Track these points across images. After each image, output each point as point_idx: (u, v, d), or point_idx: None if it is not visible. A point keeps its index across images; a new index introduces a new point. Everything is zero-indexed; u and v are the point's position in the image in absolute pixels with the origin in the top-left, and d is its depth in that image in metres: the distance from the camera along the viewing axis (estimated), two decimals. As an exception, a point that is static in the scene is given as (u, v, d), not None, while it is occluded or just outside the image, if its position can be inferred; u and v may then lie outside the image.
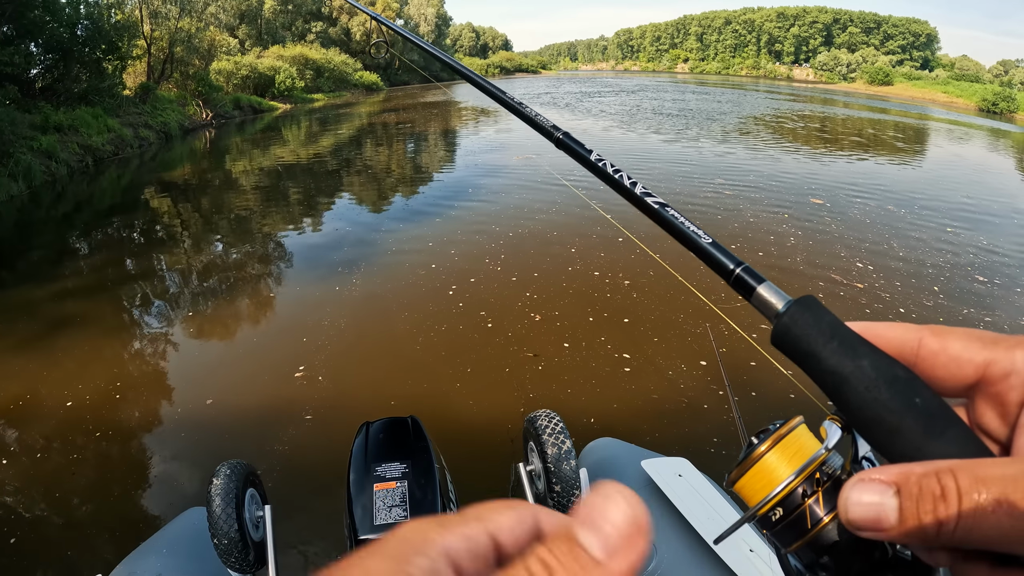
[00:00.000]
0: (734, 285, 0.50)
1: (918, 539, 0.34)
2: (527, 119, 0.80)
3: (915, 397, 0.39)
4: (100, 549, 3.52)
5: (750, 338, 1.21)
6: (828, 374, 0.42)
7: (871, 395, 0.40)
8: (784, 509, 0.46)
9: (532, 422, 2.33)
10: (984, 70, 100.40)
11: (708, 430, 4.52)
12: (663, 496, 2.19)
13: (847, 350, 0.42)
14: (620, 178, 0.59)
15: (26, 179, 12.95)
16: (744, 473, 0.49)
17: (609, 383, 5.25)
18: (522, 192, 12.15)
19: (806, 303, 0.45)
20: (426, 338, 5.93)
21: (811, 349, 0.43)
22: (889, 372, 0.40)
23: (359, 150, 19.60)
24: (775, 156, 17.76)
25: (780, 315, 0.46)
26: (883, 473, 0.35)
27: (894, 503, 0.34)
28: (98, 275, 8.14)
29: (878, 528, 0.35)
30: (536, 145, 18.25)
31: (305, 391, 5.02)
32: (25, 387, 5.18)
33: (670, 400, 4.92)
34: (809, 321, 0.44)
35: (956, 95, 67.00)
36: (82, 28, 18.62)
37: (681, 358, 5.59)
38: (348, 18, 58.60)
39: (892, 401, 0.39)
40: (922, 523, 0.33)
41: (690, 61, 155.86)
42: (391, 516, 1.84)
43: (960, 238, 9.94)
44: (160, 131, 21.03)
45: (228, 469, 2.10)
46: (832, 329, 0.43)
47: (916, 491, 0.34)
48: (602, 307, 6.66)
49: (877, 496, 0.35)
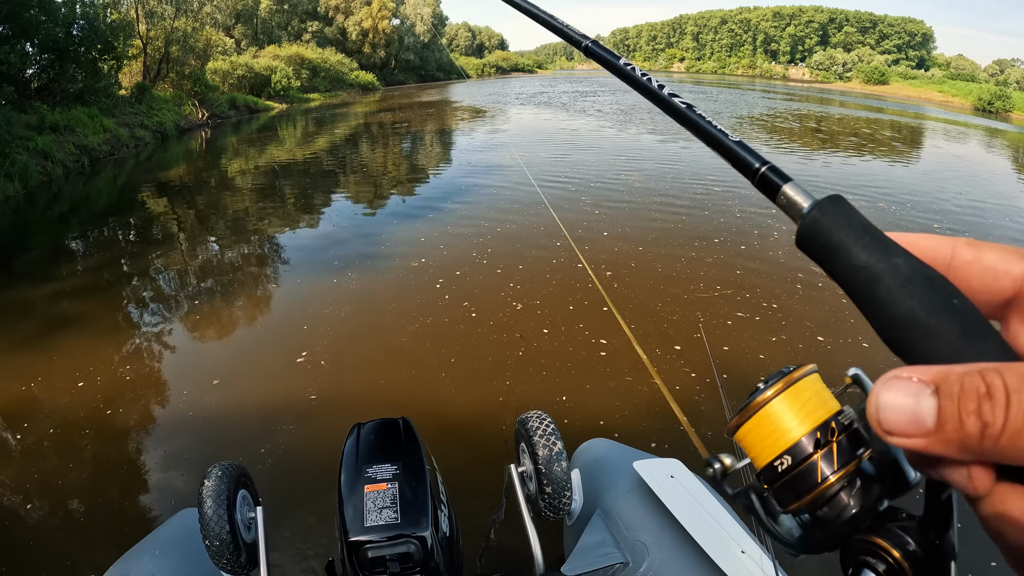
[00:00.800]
0: (759, 185, 0.47)
1: (957, 448, 0.30)
2: (554, 28, 0.80)
3: (952, 298, 0.36)
4: (92, 550, 3.52)
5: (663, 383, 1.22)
6: (859, 269, 0.39)
7: (906, 290, 0.37)
8: (792, 459, 0.45)
9: (523, 423, 2.33)
10: (980, 69, 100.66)
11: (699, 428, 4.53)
12: (655, 497, 2.19)
13: (879, 247, 0.39)
14: (648, 82, 0.57)
15: (22, 179, 12.93)
16: (747, 420, 0.47)
17: (585, 366, 5.49)
18: (508, 191, 12.17)
19: (836, 200, 0.42)
20: (414, 330, 5.99)
21: (841, 242, 0.40)
22: (924, 272, 0.38)
23: (355, 149, 19.58)
24: (769, 155, 17.75)
25: (807, 212, 0.43)
26: (920, 371, 0.32)
27: (932, 403, 0.31)
28: (94, 275, 8.13)
29: (912, 433, 0.32)
30: (527, 144, 18.35)
31: (300, 388, 5.03)
32: (20, 387, 5.18)
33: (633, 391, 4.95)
34: (840, 215, 0.41)
35: (952, 94, 67.13)
36: (78, 28, 18.56)
37: (657, 343, 5.63)
38: (344, 18, 58.61)
39: (929, 299, 0.36)
40: (964, 427, 0.30)
41: (686, 60, 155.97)
42: (382, 517, 1.85)
43: (944, 232, 10.00)
44: (156, 131, 21.00)
45: (220, 470, 2.10)
46: (864, 226, 0.40)
47: (957, 389, 0.30)
48: (582, 296, 6.82)
49: (913, 395, 0.32)
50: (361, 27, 58.48)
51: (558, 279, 7.35)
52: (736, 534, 1.98)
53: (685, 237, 9.12)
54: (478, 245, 8.62)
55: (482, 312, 6.45)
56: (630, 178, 13.30)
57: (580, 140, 19.62)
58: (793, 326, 6.32)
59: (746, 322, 6.38)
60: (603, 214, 10.28)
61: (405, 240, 9.04)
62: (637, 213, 10.45)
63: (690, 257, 8.24)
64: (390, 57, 61.60)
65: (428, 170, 15.61)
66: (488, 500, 2.70)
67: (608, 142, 19.19)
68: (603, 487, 2.40)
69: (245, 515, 2.14)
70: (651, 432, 4.51)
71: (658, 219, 10.07)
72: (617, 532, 2.16)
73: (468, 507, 3.23)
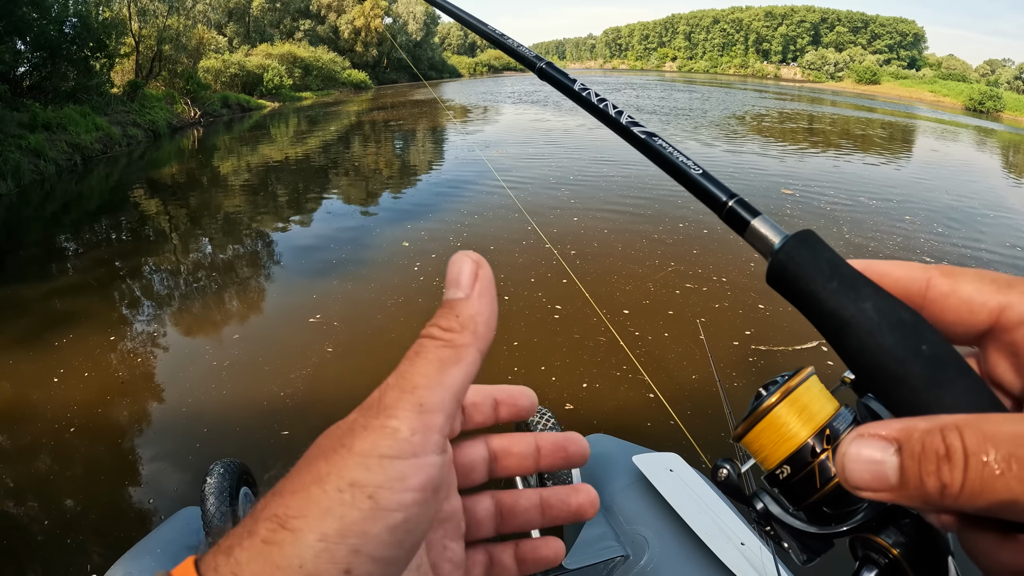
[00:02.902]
0: (726, 219, 0.46)
1: (920, 502, 0.31)
2: (509, 50, 0.77)
3: (921, 344, 0.36)
4: (94, 550, 3.52)
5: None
6: (827, 317, 0.39)
7: (873, 341, 0.37)
8: (792, 467, 0.45)
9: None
10: (971, 69, 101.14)
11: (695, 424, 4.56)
12: (654, 491, 2.21)
13: (848, 290, 0.39)
14: (605, 107, 0.55)
15: (15, 178, 12.86)
16: (752, 427, 0.47)
17: (539, 327, 6.15)
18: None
19: (803, 237, 0.41)
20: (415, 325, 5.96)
21: (809, 289, 0.40)
22: (894, 315, 0.37)
23: (347, 148, 19.53)
24: (756, 150, 18.11)
25: (776, 251, 0.42)
26: (884, 428, 0.32)
27: (895, 461, 0.31)
28: (87, 274, 8.09)
29: (877, 488, 0.32)
30: (517, 140, 18.34)
31: (300, 385, 5.03)
32: (14, 386, 5.17)
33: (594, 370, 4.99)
34: (807, 258, 0.40)
35: (943, 94, 67.49)
36: (70, 26, 18.45)
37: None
38: (336, 16, 58.43)
39: (896, 347, 0.36)
40: (924, 485, 0.30)
41: (678, 60, 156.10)
42: None
43: (915, 227, 10.50)
44: (148, 129, 20.88)
45: (222, 468, 2.11)
46: (832, 267, 0.40)
47: (919, 449, 0.31)
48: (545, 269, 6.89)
49: (877, 453, 0.32)
50: (353, 25, 58.29)
51: (524, 260, 7.39)
52: (735, 526, 2.00)
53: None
54: (461, 237, 8.62)
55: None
56: (617, 181, 13.33)
57: (570, 141, 19.62)
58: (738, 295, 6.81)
59: (693, 292, 6.96)
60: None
61: (400, 236, 9.04)
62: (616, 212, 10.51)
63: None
64: (382, 56, 61.44)
65: (419, 168, 15.59)
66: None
67: (600, 141, 19.21)
68: (603, 481, 2.42)
69: (248, 512, 2.14)
70: (644, 420, 4.55)
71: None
72: (617, 526, 2.18)
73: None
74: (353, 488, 0.34)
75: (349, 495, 0.34)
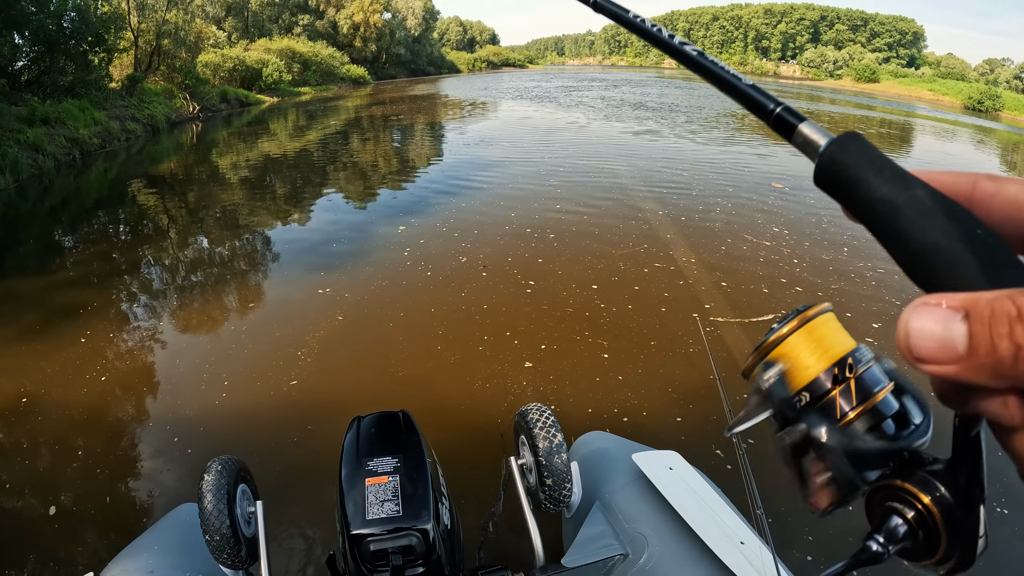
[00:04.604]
0: (774, 125, 0.47)
1: (990, 373, 0.30)
2: None
3: (976, 228, 0.36)
4: (89, 547, 3.52)
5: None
6: (880, 202, 0.39)
7: (928, 221, 0.37)
8: (811, 395, 0.45)
9: (523, 416, 2.35)
10: (970, 68, 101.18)
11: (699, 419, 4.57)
12: (654, 489, 2.21)
13: (899, 179, 0.39)
14: (659, 32, 0.58)
15: (13, 173, 12.84)
16: (763, 358, 0.47)
17: (514, 301, 6.69)
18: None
19: (853, 136, 0.42)
20: (413, 321, 6.00)
21: (861, 176, 0.40)
22: (946, 203, 0.38)
23: (346, 143, 19.51)
24: (749, 147, 18.14)
25: (824, 148, 0.43)
26: (948, 298, 0.32)
27: (963, 328, 0.30)
28: (87, 269, 8.08)
29: (943, 359, 0.31)
30: (511, 135, 18.36)
31: (298, 382, 5.03)
32: (12, 382, 5.16)
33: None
34: (858, 150, 0.41)
35: (942, 93, 67.49)
36: (69, 20, 18.39)
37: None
38: (335, 11, 58.39)
39: (952, 228, 0.36)
40: (997, 351, 0.29)
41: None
42: (383, 510, 1.86)
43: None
44: (147, 124, 20.86)
45: (219, 465, 2.11)
46: (881, 160, 0.40)
47: (988, 313, 0.30)
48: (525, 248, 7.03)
49: (943, 321, 0.31)
50: (352, 21, 58.26)
51: (505, 242, 7.42)
52: (735, 525, 2.00)
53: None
54: (466, 237, 8.65)
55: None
56: (606, 173, 13.37)
57: (566, 136, 19.65)
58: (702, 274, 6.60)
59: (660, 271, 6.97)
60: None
61: (397, 234, 9.04)
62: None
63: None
64: (381, 51, 61.39)
65: (418, 163, 15.59)
66: (487, 492, 2.71)
67: (594, 138, 19.24)
68: (602, 479, 2.42)
69: (245, 509, 2.14)
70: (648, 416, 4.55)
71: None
72: (616, 524, 2.18)
73: (467, 499, 3.25)
74: None
75: None
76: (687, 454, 2.47)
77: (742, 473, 1.80)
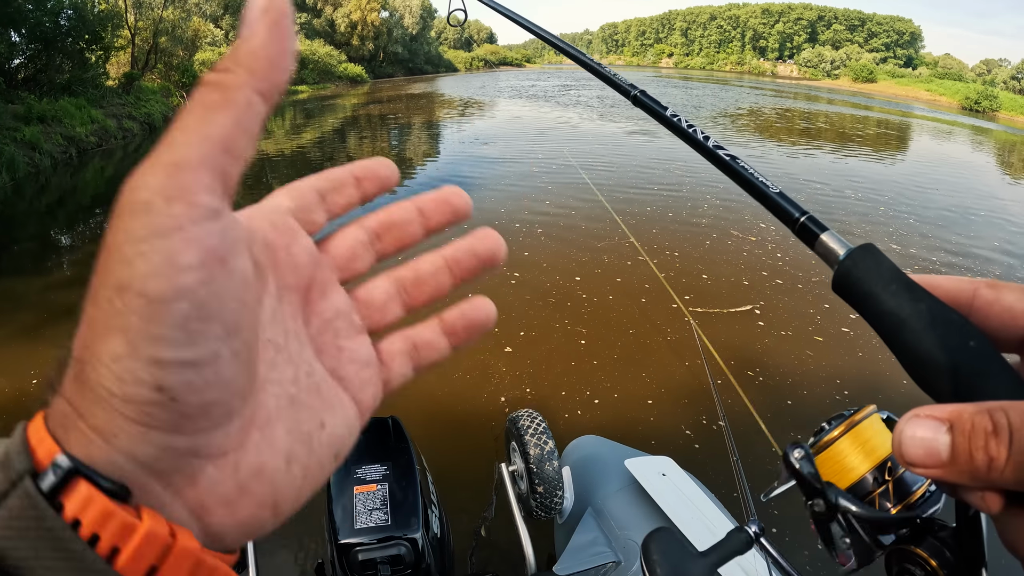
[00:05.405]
0: (798, 233, 0.52)
1: (968, 476, 0.35)
2: (605, 78, 0.86)
3: (969, 340, 0.40)
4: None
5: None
6: (886, 315, 0.43)
7: (927, 335, 0.41)
8: (855, 494, 0.49)
9: (514, 422, 2.35)
10: (967, 69, 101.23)
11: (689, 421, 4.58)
12: (647, 495, 2.21)
13: (905, 293, 0.43)
14: (694, 133, 0.62)
15: (9, 171, 12.78)
16: (814, 458, 0.51)
17: (498, 289, 6.72)
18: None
19: (867, 249, 0.46)
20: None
21: (871, 290, 0.44)
22: (945, 315, 0.41)
23: (343, 142, 19.50)
24: (745, 146, 18.28)
25: (842, 260, 0.46)
26: (936, 410, 0.36)
27: (946, 439, 0.35)
28: (84, 268, 8.06)
29: (930, 464, 0.36)
30: (507, 134, 18.35)
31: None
32: (11, 382, 5.15)
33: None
34: (870, 265, 0.45)
35: (939, 93, 67.63)
36: (65, 18, 18.34)
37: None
38: (332, 9, 58.30)
39: (947, 341, 0.40)
40: (974, 460, 0.34)
41: (675, 56, 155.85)
42: (372, 519, 1.86)
43: (890, 216, 11.10)
44: (144, 122, 20.77)
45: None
46: (891, 273, 0.44)
47: (968, 427, 0.34)
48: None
49: (931, 432, 0.35)
50: (350, 19, 58.16)
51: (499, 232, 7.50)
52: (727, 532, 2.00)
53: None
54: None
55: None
56: (596, 177, 13.41)
57: (566, 136, 19.65)
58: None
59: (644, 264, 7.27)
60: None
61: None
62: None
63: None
64: (378, 50, 61.32)
65: (415, 162, 15.60)
66: (479, 499, 2.71)
67: (590, 138, 19.26)
68: (594, 485, 2.41)
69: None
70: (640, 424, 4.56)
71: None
72: (609, 531, 2.18)
73: (458, 503, 3.25)
74: (121, 291, 0.29)
75: (120, 301, 0.29)
76: (655, 429, 2.47)
77: (736, 479, 1.81)
